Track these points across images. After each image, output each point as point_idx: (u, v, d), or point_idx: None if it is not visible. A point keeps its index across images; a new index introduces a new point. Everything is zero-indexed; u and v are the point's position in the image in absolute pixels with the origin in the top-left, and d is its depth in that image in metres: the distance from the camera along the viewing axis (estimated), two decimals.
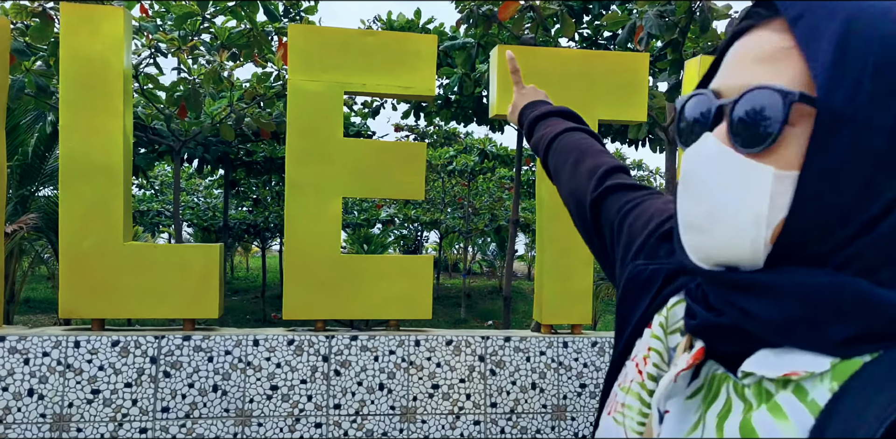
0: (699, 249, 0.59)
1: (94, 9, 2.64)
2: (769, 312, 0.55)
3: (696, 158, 0.58)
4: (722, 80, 0.59)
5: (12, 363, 2.50)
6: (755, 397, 0.57)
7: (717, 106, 0.58)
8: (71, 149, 2.60)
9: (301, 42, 2.73)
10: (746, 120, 0.55)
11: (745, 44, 0.58)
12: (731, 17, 3.63)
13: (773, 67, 0.55)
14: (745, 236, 0.56)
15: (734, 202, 0.55)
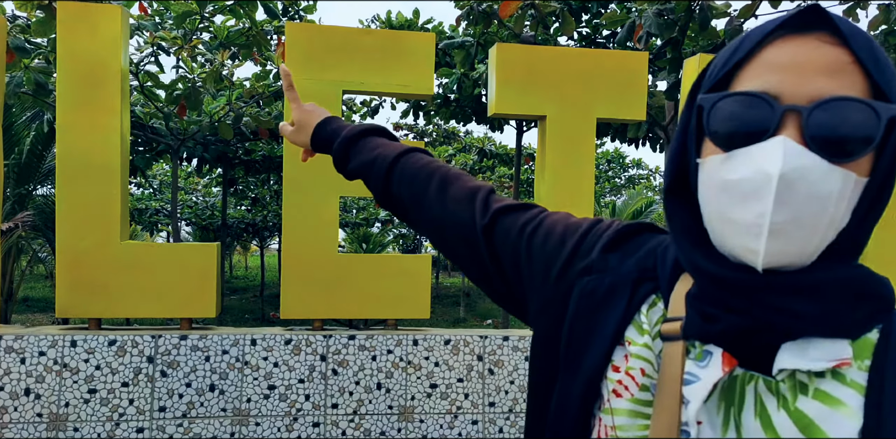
0: (770, 254, 0.58)
1: (92, 7, 2.62)
2: (809, 308, 0.59)
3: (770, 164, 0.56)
4: (779, 86, 0.58)
5: (8, 362, 2.49)
6: (790, 391, 0.60)
7: (784, 110, 0.57)
8: (68, 147, 2.59)
9: (299, 41, 2.72)
10: (833, 129, 0.56)
11: (795, 52, 0.58)
12: (731, 15, 3.63)
13: (841, 80, 0.57)
14: (817, 239, 0.58)
15: (819, 208, 0.57)
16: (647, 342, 0.68)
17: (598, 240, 0.78)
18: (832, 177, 0.57)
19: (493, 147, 11.43)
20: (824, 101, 0.56)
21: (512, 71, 2.83)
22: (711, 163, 0.62)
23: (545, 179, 2.88)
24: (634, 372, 0.67)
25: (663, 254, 0.73)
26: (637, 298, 0.71)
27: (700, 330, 0.64)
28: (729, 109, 0.60)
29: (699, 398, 0.61)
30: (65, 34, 2.58)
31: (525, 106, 2.86)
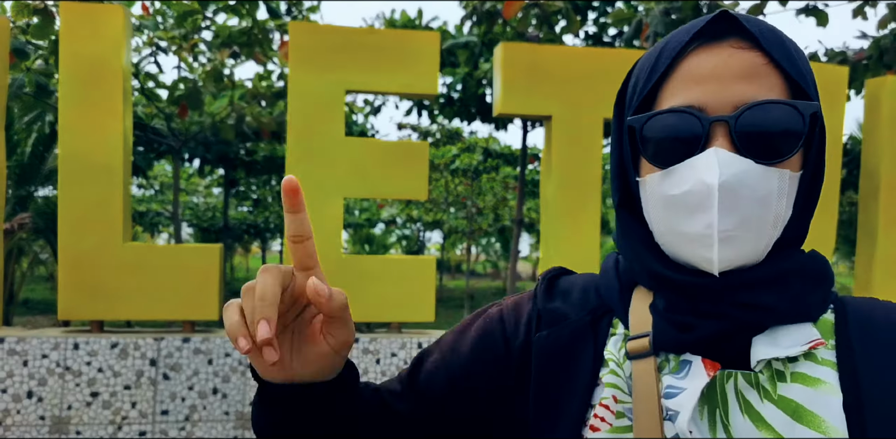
0: (726, 260, 0.60)
1: (94, 8, 2.60)
2: (775, 299, 0.62)
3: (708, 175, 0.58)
4: (702, 98, 0.60)
5: (11, 365, 2.47)
6: (769, 381, 0.62)
7: (711, 122, 0.59)
8: (70, 148, 2.57)
9: (302, 40, 2.70)
10: (761, 133, 0.59)
11: (713, 62, 0.60)
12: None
13: (760, 83, 0.60)
14: (766, 238, 0.61)
15: (762, 209, 0.60)
16: (613, 369, 0.67)
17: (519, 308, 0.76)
18: (769, 178, 0.60)
19: (497, 147, 11.40)
20: (747, 108, 0.59)
21: (517, 70, 2.80)
22: (651, 181, 0.64)
23: (552, 179, 2.86)
24: (607, 401, 0.65)
25: (603, 282, 0.73)
26: (601, 337, 0.70)
27: (675, 341, 0.64)
28: (659, 127, 0.62)
29: (689, 408, 0.61)
30: (67, 34, 2.56)
31: (530, 105, 2.84)
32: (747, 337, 0.63)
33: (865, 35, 4.08)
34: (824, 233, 3.08)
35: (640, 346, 0.65)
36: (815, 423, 0.59)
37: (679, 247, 0.63)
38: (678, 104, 0.61)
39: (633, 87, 0.67)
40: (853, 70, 3.78)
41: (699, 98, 0.60)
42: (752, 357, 0.62)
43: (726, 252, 0.60)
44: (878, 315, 0.67)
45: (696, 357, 0.63)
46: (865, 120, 3.26)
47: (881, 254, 3.12)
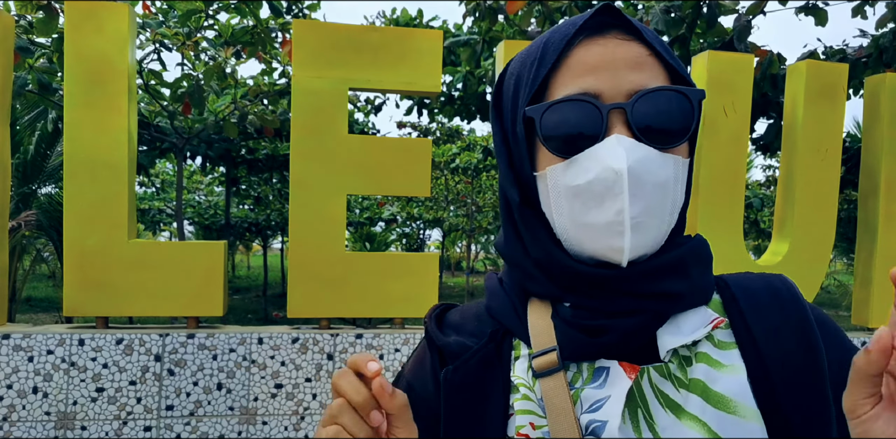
0: (635, 247, 0.60)
1: (99, 6, 2.62)
2: (681, 286, 0.63)
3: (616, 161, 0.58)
4: (596, 86, 0.60)
5: (17, 361, 2.49)
6: (679, 369, 0.62)
7: (609, 109, 0.60)
8: (75, 146, 2.59)
9: (305, 38, 2.71)
10: (656, 119, 0.60)
11: (601, 52, 0.61)
12: (739, 12, 3.61)
13: (647, 72, 0.61)
14: (666, 225, 0.63)
15: (662, 195, 0.61)
16: (525, 393, 0.64)
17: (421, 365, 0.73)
18: (666, 164, 0.61)
19: None
20: (641, 95, 0.60)
21: None
22: (553, 172, 0.62)
23: None
24: (525, 429, 0.63)
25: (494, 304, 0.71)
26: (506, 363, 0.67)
27: (586, 348, 0.63)
28: (559, 116, 0.61)
29: (617, 415, 0.59)
30: (72, 32, 2.58)
31: None
32: (651, 330, 0.63)
33: (865, 33, 4.09)
34: (824, 231, 3.10)
35: (548, 362, 0.63)
36: (723, 404, 0.60)
37: (585, 239, 0.62)
38: (572, 93, 0.61)
39: (515, 85, 0.66)
40: (852, 68, 3.80)
41: (593, 86, 0.60)
42: (661, 348, 0.62)
43: (636, 239, 0.60)
44: (757, 286, 0.69)
45: (613, 361, 0.62)
46: (865, 118, 3.27)
47: (881, 251, 3.14)
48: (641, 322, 0.62)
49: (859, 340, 3.08)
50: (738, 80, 2.97)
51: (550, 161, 0.63)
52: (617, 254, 0.60)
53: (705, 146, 2.94)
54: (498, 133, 0.69)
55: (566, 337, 0.63)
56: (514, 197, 0.67)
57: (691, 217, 2.99)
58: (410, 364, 0.75)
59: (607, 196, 0.59)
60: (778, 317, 0.65)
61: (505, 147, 0.68)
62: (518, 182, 0.67)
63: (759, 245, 12.07)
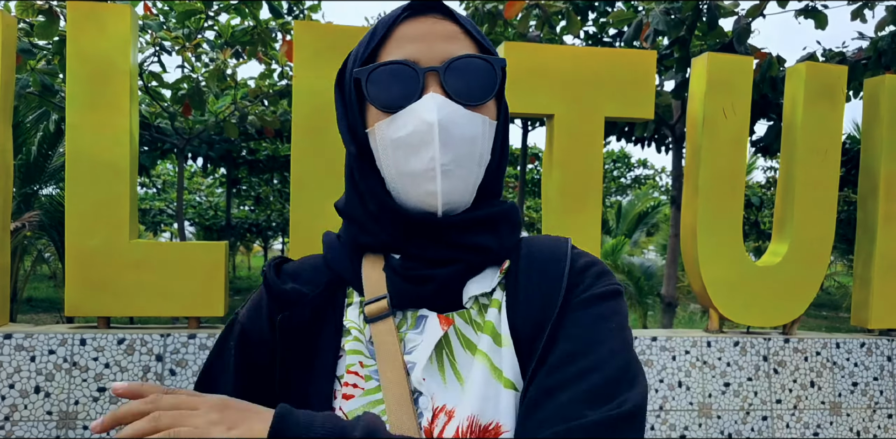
0: (446, 193, 0.70)
1: (101, 7, 2.63)
2: (491, 241, 0.74)
3: (429, 114, 0.68)
4: (416, 54, 0.71)
5: (18, 360, 2.50)
6: (478, 314, 0.73)
7: (425, 71, 0.71)
8: (77, 147, 2.59)
9: (307, 39, 2.72)
10: (465, 81, 0.71)
11: (420, 27, 0.73)
12: (738, 14, 3.62)
13: (458, 44, 0.73)
14: (474, 177, 0.73)
15: (470, 147, 0.71)
16: (356, 336, 0.73)
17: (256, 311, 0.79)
18: (474, 120, 0.71)
19: None
20: (452, 60, 0.71)
21: (520, 70, 2.83)
22: (380, 127, 0.72)
23: (553, 178, 2.88)
24: (354, 367, 0.71)
25: (331, 256, 0.80)
26: (339, 309, 0.76)
27: (412, 297, 0.72)
28: (383, 78, 0.71)
29: (423, 360, 0.69)
30: (74, 34, 2.59)
31: (533, 105, 2.86)
32: (465, 281, 0.74)
33: (864, 36, 4.10)
34: (823, 232, 3.11)
35: (379, 308, 0.72)
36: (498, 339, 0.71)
37: (407, 186, 0.72)
38: (397, 58, 0.71)
39: (354, 56, 0.77)
40: (852, 70, 3.81)
41: (412, 53, 0.71)
42: (465, 295, 0.73)
43: (447, 184, 0.70)
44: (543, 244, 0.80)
45: (432, 313, 0.72)
46: (864, 119, 3.28)
47: (880, 252, 3.15)
48: (457, 271, 0.73)
49: (858, 341, 3.09)
50: (738, 82, 2.98)
51: (377, 117, 0.73)
52: (432, 198, 0.70)
53: (705, 147, 2.95)
54: (339, 100, 0.79)
55: (395, 287, 0.73)
56: (354, 150, 0.76)
57: (691, 217, 3.00)
58: (245, 310, 0.81)
59: (422, 146, 0.69)
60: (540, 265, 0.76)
61: (343, 109, 0.78)
62: (355, 139, 0.77)
63: (759, 246, 12.07)
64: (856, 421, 3.04)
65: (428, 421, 0.67)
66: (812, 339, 3.06)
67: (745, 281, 3.00)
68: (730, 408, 2.93)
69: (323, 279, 0.78)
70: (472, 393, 0.68)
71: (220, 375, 0.78)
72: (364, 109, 0.75)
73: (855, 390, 3.06)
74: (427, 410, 0.68)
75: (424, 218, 0.72)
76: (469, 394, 0.68)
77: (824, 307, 13.28)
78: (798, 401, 3.00)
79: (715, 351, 2.96)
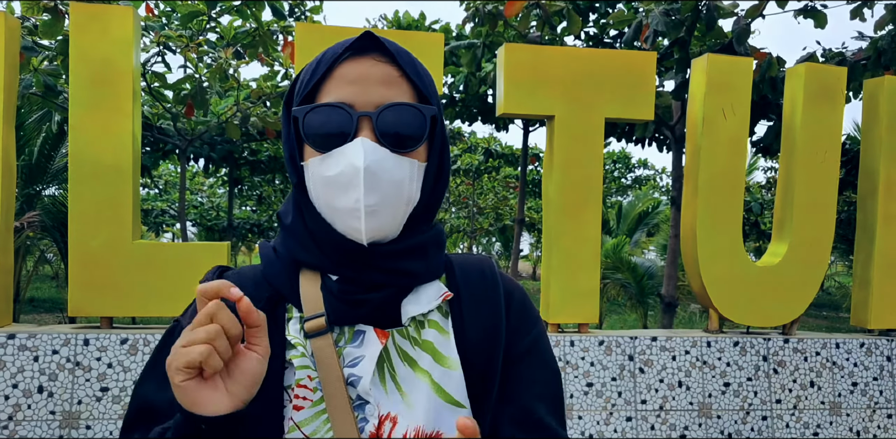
0: (371, 230, 0.75)
1: (104, 9, 2.64)
2: (419, 265, 0.79)
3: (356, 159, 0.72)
4: (352, 97, 0.74)
5: (22, 360, 2.52)
6: (415, 330, 0.79)
7: (358, 116, 0.74)
8: (80, 148, 2.61)
9: (308, 41, 2.74)
10: (395, 128, 0.74)
11: (360, 70, 0.75)
12: (738, 15, 3.63)
13: (395, 89, 0.76)
14: (400, 214, 0.77)
15: (396, 190, 0.75)
16: (302, 350, 0.77)
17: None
18: (401, 165, 0.75)
19: (498, 147, 11.43)
20: (386, 107, 0.74)
21: (520, 71, 2.84)
22: (312, 164, 0.76)
23: (553, 179, 2.90)
24: (304, 381, 0.75)
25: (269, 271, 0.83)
26: (279, 321, 0.79)
27: (348, 316, 0.77)
28: (318, 118, 0.74)
29: (369, 371, 0.75)
30: (77, 35, 2.60)
31: (533, 106, 2.88)
32: (398, 301, 0.79)
33: (863, 36, 4.11)
34: (823, 233, 3.12)
35: (317, 325, 0.76)
36: (442, 361, 0.78)
37: (335, 220, 0.76)
38: (332, 100, 0.74)
39: (298, 86, 0.80)
40: (851, 70, 3.82)
41: (348, 97, 0.74)
42: (403, 315, 0.78)
43: (371, 223, 0.74)
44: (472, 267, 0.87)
45: (369, 327, 0.78)
46: (863, 120, 3.29)
47: (879, 252, 3.16)
48: (389, 295, 0.78)
49: (858, 341, 3.10)
50: (738, 83, 2.99)
51: (311, 154, 0.76)
52: (357, 234, 0.75)
53: (704, 148, 2.96)
54: (284, 126, 0.82)
55: (332, 306, 0.77)
56: (294, 179, 0.80)
57: (691, 218, 3.01)
58: (187, 316, 0.84)
59: (349, 186, 0.73)
60: (479, 293, 0.84)
61: (287, 139, 0.81)
62: (296, 168, 0.81)
63: (759, 246, 12.08)
64: (855, 421, 3.05)
65: (374, 427, 0.74)
66: (812, 339, 3.07)
67: (744, 281, 3.01)
68: (730, 408, 2.94)
69: (264, 294, 0.80)
70: (416, 407, 0.75)
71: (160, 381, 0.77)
72: (302, 142, 0.78)
73: (855, 390, 3.07)
74: (373, 417, 0.74)
75: (355, 246, 0.76)
76: (414, 408, 0.75)
77: (824, 307, 13.28)
78: (798, 401, 3.01)
79: (715, 351, 2.97)
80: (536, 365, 0.85)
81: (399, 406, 0.76)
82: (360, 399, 0.75)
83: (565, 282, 2.91)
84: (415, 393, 0.76)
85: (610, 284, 9.14)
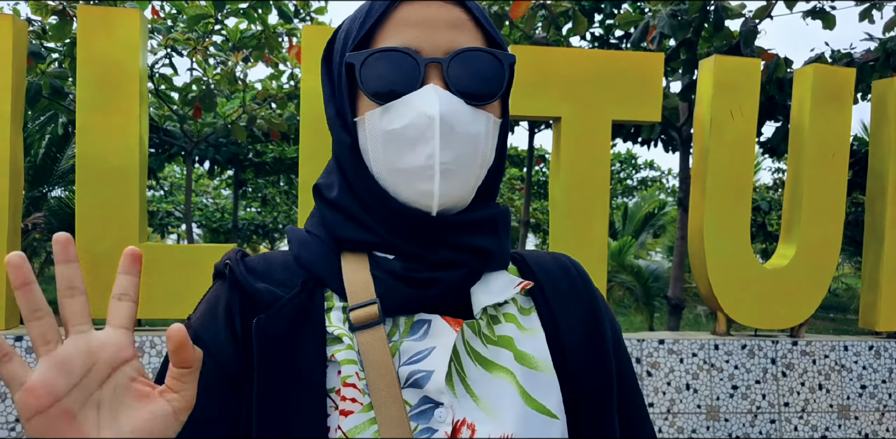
0: (444, 195, 0.63)
1: (111, 11, 2.65)
2: (491, 244, 0.67)
3: (430, 107, 0.61)
4: (417, 42, 0.64)
5: (30, 362, 2.52)
6: (487, 326, 0.67)
7: (427, 63, 0.63)
8: (87, 150, 2.61)
9: (315, 43, 2.74)
10: (470, 77, 0.64)
11: (424, 12, 0.65)
12: (745, 16, 3.62)
13: (465, 34, 0.65)
14: (474, 178, 0.66)
15: (472, 147, 0.64)
16: (349, 343, 0.63)
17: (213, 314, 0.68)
18: (478, 118, 0.65)
19: None
20: (458, 53, 0.64)
21: (527, 72, 2.84)
22: (371, 118, 0.65)
23: (560, 181, 2.89)
24: (351, 379, 0.62)
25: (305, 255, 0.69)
26: (317, 311, 0.65)
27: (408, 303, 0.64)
28: (379, 64, 0.64)
29: (443, 364, 0.61)
30: (84, 38, 2.61)
31: (540, 107, 2.87)
32: (467, 287, 0.66)
33: (872, 37, 4.10)
34: (831, 234, 3.10)
35: (367, 315, 0.62)
36: (526, 360, 0.66)
37: (400, 185, 0.64)
38: (395, 45, 0.64)
39: (344, 38, 0.69)
40: (860, 72, 3.80)
41: (414, 41, 0.64)
42: (475, 305, 0.65)
43: (445, 185, 0.63)
44: (548, 261, 0.76)
45: (434, 315, 0.64)
46: (872, 121, 3.28)
47: (888, 254, 3.14)
48: (462, 276, 0.65)
49: (866, 344, 3.08)
50: (745, 84, 2.98)
51: (369, 106, 0.66)
52: (427, 198, 0.63)
53: (712, 149, 2.95)
54: (327, 84, 0.72)
55: (388, 290, 0.64)
56: (346, 139, 0.69)
57: (698, 220, 3.00)
58: (199, 313, 0.70)
59: (420, 140, 0.62)
60: (567, 289, 0.73)
61: (332, 95, 0.71)
62: (345, 126, 0.70)
63: (766, 248, 12.04)
64: (864, 424, 3.03)
65: (446, 435, 0.60)
66: (820, 342, 3.05)
67: (753, 283, 2.99)
68: (738, 411, 2.93)
69: (297, 280, 0.67)
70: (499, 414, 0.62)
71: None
72: (355, 95, 0.68)
73: (863, 393, 3.05)
74: (445, 423, 0.61)
75: (421, 216, 0.64)
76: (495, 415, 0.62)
77: (831, 309, 13.23)
78: (806, 404, 2.99)
79: (723, 353, 2.95)
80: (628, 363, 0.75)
81: (475, 412, 0.62)
82: (426, 402, 0.61)
83: None
84: (493, 398, 0.63)
85: (615, 286, 9.12)
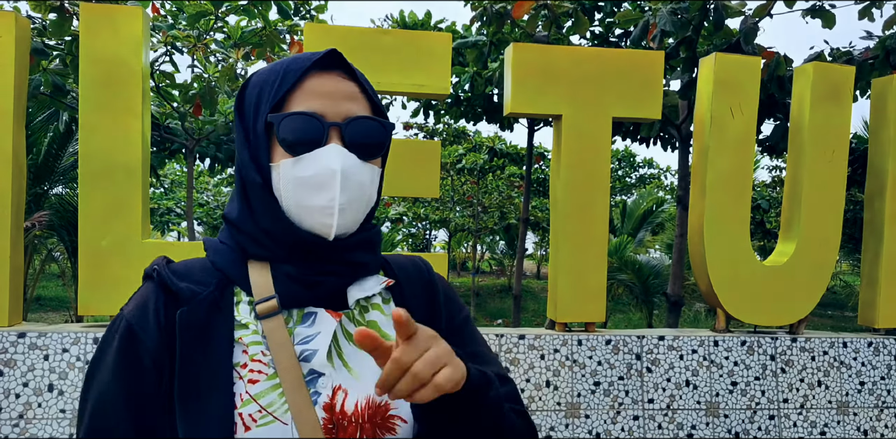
0: (341, 225, 0.84)
1: (113, 9, 2.66)
2: (368, 258, 0.90)
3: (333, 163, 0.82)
4: (322, 108, 0.84)
5: (32, 359, 2.53)
6: (360, 314, 0.90)
7: (329, 125, 0.84)
8: (90, 148, 2.62)
9: (317, 41, 2.74)
10: (362, 138, 0.85)
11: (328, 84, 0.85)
12: (745, 14, 3.62)
13: (358, 104, 0.87)
14: (362, 213, 0.88)
15: (361, 191, 0.86)
16: (254, 329, 0.85)
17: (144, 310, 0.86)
18: (366, 170, 0.86)
19: (503, 146, 11.43)
20: (353, 119, 0.85)
21: (527, 70, 2.85)
22: (285, 165, 0.84)
23: (560, 178, 2.90)
24: (258, 356, 0.83)
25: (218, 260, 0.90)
26: (227, 304, 0.86)
27: (299, 298, 0.86)
28: (292, 125, 0.83)
29: (325, 345, 0.84)
30: (87, 35, 2.61)
31: (541, 105, 2.88)
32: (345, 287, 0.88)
33: (871, 35, 4.10)
34: (830, 232, 3.12)
35: (269, 307, 0.84)
36: (388, 338, 0.88)
37: (304, 217, 0.84)
38: (306, 110, 0.83)
39: (258, 96, 0.87)
40: (859, 70, 3.81)
41: (320, 108, 0.84)
42: (350, 299, 0.88)
43: (341, 219, 0.84)
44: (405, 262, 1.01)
45: (320, 309, 0.87)
46: (871, 119, 3.29)
47: (887, 252, 3.15)
48: (342, 280, 0.88)
49: (865, 341, 3.10)
50: (745, 82, 2.99)
51: (283, 156, 0.84)
52: (327, 229, 0.84)
53: (712, 147, 2.96)
54: (240, 131, 0.89)
55: (285, 289, 0.85)
56: (257, 179, 0.86)
57: (698, 217, 3.01)
58: (132, 308, 0.88)
59: (324, 186, 0.82)
60: (417, 283, 0.98)
61: (247, 142, 0.88)
62: (258, 169, 0.87)
63: (764, 245, 12.05)
64: (863, 420, 3.05)
65: (328, 398, 0.82)
66: (819, 339, 3.07)
67: (752, 280, 3.01)
68: (737, 407, 2.94)
69: (213, 279, 0.87)
70: (364, 380, 0.85)
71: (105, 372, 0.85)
72: (270, 145, 0.86)
73: (862, 389, 3.07)
74: (326, 388, 0.83)
75: (317, 239, 0.85)
76: (361, 380, 0.85)
77: (829, 306, 13.25)
78: (805, 401, 3.01)
79: (722, 350, 2.97)
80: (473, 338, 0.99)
81: (348, 379, 0.85)
82: (312, 373, 0.83)
83: (573, 282, 2.92)
84: (361, 368, 0.85)
85: (614, 283, 9.13)
